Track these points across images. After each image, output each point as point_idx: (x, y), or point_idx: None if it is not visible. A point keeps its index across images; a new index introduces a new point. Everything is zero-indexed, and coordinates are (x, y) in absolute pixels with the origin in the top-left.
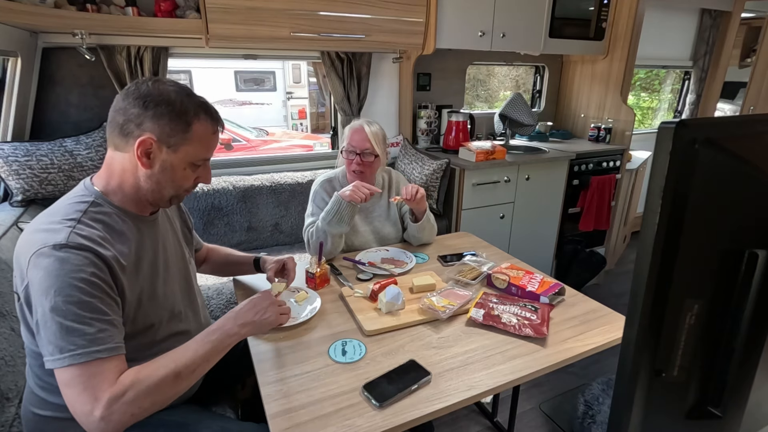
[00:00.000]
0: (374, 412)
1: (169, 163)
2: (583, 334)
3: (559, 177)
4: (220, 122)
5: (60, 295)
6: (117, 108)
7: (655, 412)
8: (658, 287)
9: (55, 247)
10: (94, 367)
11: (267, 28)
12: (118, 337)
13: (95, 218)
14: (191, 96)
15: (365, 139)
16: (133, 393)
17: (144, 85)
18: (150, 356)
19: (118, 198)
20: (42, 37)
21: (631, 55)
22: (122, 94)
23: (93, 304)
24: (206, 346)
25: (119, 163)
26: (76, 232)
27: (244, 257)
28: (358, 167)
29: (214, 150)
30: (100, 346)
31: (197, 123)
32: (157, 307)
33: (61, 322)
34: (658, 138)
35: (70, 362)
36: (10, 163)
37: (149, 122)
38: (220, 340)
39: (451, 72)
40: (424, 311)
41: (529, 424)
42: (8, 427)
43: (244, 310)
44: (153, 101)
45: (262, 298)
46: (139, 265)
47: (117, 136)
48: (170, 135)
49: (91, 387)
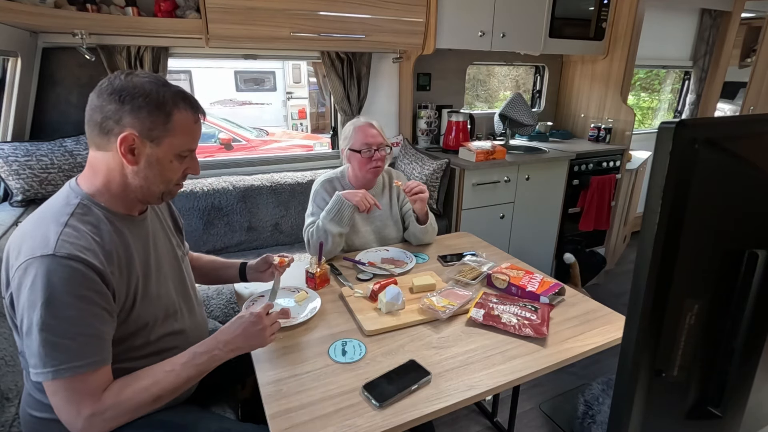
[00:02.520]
0: (374, 412)
1: (155, 157)
2: (583, 334)
3: (559, 177)
4: (200, 110)
5: (46, 309)
6: (93, 106)
7: (655, 412)
8: (658, 287)
9: (43, 258)
10: (77, 381)
11: (267, 28)
12: (103, 349)
13: (83, 220)
14: (167, 86)
15: (378, 134)
16: (112, 413)
17: (117, 79)
18: (142, 357)
19: (105, 199)
20: (42, 37)
21: (631, 55)
22: (96, 91)
23: (78, 319)
24: (190, 371)
25: (103, 162)
26: (63, 239)
27: (228, 262)
28: (378, 163)
29: (198, 139)
30: (83, 361)
31: (177, 113)
32: (150, 307)
33: (46, 337)
34: (658, 138)
35: (53, 377)
36: (10, 163)
37: (128, 117)
38: (207, 365)
39: (451, 72)
40: (424, 311)
41: (529, 424)
42: (8, 427)
43: (235, 334)
44: (129, 95)
45: (253, 322)
46: (129, 266)
47: (97, 136)
48: (151, 128)
49: (75, 401)
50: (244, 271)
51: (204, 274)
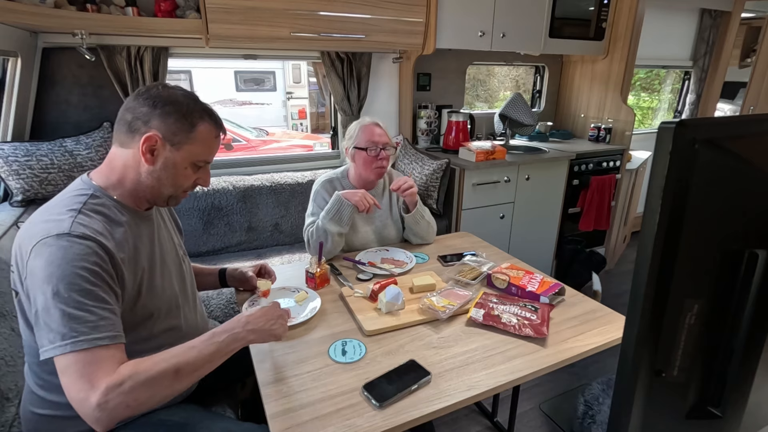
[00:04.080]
0: (374, 412)
1: (172, 161)
2: (583, 334)
3: (559, 177)
4: (222, 128)
5: (62, 282)
6: (127, 107)
7: (655, 412)
8: (658, 287)
9: (58, 236)
10: (94, 354)
11: (267, 28)
12: (118, 326)
13: (95, 209)
14: (198, 102)
15: (384, 134)
16: (130, 383)
17: (155, 89)
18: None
19: (118, 193)
20: (42, 37)
21: (631, 55)
22: (133, 95)
23: (95, 293)
24: (211, 347)
25: (121, 159)
26: (78, 222)
27: (208, 269)
28: (383, 162)
29: (215, 153)
30: (102, 334)
31: (201, 125)
32: (155, 298)
33: (63, 308)
34: (658, 138)
35: (71, 348)
36: (10, 163)
37: (156, 120)
38: (227, 343)
39: (451, 72)
40: (424, 311)
41: (529, 424)
42: (8, 427)
43: (256, 315)
44: (162, 101)
45: (273, 308)
46: (137, 256)
47: (124, 133)
48: (175, 133)
49: (89, 374)
50: (224, 278)
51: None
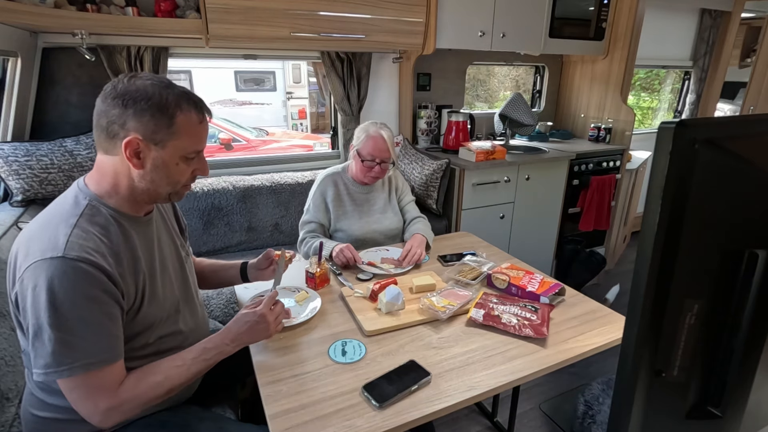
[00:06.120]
0: (374, 413)
1: (161, 160)
2: (583, 335)
3: (559, 177)
4: (205, 111)
5: (57, 310)
6: (98, 111)
7: (655, 412)
8: (658, 287)
9: (52, 260)
10: (92, 378)
11: (267, 28)
12: (116, 346)
13: (91, 222)
14: (170, 87)
15: (386, 149)
16: (129, 406)
17: (120, 83)
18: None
19: (114, 201)
20: (42, 37)
21: (631, 55)
22: (101, 96)
23: (89, 318)
24: (199, 365)
25: (111, 166)
26: (72, 241)
27: (229, 263)
28: (377, 174)
29: (204, 140)
30: (97, 358)
31: (180, 115)
32: (157, 308)
33: (58, 336)
34: (658, 138)
35: (69, 374)
36: (10, 163)
37: (132, 121)
38: (214, 360)
39: (451, 72)
40: (424, 311)
41: (529, 424)
42: (8, 427)
43: (242, 331)
44: (131, 98)
45: (257, 321)
46: (137, 267)
47: (104, 140)
48: (155, 131)
49: (92, 396)
50: (245, 271)
51: (205, 278)
